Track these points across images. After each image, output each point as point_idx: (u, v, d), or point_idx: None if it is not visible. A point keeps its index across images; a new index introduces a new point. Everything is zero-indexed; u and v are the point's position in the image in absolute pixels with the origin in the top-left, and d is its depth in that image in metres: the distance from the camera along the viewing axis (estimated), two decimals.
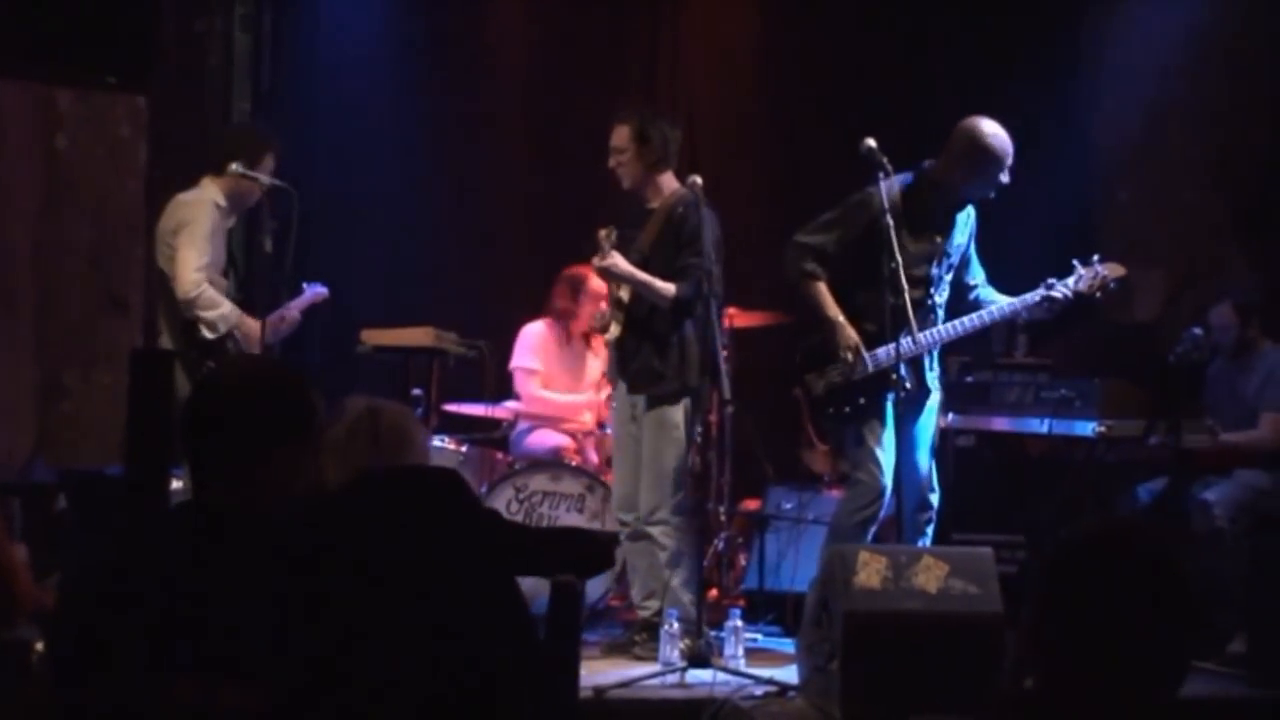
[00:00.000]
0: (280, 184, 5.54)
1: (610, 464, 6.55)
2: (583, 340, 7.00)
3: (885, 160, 5.26)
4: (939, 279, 5.48)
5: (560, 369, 6.98)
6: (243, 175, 5.50)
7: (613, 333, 5.75)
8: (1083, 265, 5.46)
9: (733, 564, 6.89)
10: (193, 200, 5.57)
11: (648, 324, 5.63)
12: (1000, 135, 5.37)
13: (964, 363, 6.74)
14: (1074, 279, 5.44)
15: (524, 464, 6.53)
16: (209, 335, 5.44)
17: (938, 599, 4.74)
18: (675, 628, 5.32)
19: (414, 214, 7.71)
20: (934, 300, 5.46)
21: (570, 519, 6.22)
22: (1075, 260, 5.47)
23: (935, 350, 5.49)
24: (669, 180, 5.70)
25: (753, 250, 6.58)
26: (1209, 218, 7.61)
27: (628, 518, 5.69)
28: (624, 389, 5.73)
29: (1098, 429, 5.89)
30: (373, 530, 2.92)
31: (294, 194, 5.49)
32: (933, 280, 5.45)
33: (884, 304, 5.24)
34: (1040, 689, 1.99)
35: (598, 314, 6.14)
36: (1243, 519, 5.93)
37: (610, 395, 6.17)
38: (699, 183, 5.48)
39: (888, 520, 5.47)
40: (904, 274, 5.17)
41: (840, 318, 5.41)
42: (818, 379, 5.49)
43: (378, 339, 6.37)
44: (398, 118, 7.69)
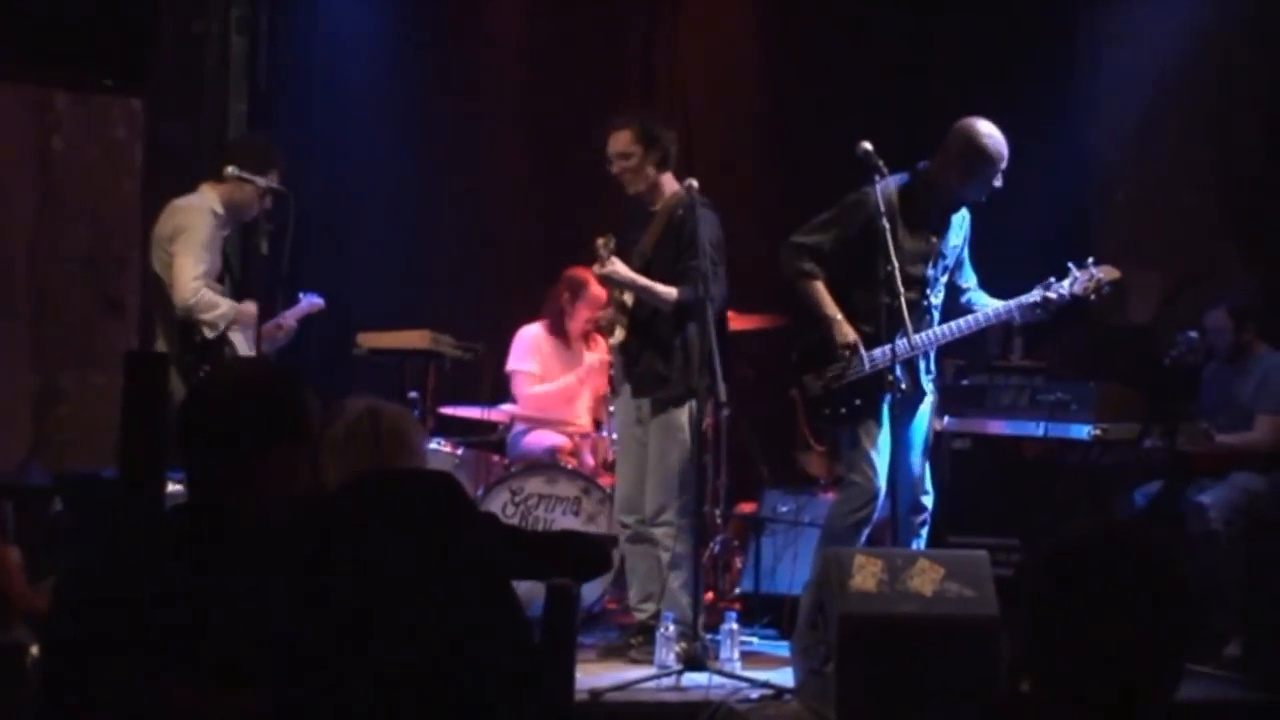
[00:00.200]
0: (276, 186, 5.53)
1: (605, 467, 6.54)
2: (581, 342, 6.99)
3: (881, 163, 5.25)
4: (934, 280, 5.47)
5: (557, 372, 6.96)
6: (240, 178, 5.48)
7: (617, 336, 5.75)
8: (1078, 268, 5.44)
9: (729, 567, 6.88)
10: (190, 206, 5.53)
11: (651, 328, 5.63)
12: (996, 136, 5.36)
13: (959, 365, 6.75)
14: (1070, 281, 5.42)
15: (520, 467, 6.52)
16: (209, 334, 5.43)
17: (933, 602, 4.74)
18: (671, 631, 5.32)
19: (410, 216, 7.71)
20: (930, 301, 5.45)
21: (566, 522, 6.22)
22: (1071, 263, 5.46)
23: (931, 352, 5.50)
24: (669, 181, 5.70)
25: (748, 253, 6.56)
26: (1205, 220, 7.62)
27: (629, 520, 5.69)
28: (628, 392, 5.73)
29: (1093, 432, 5.89)
30: (369, 533, 2.91)
31: (290, 196, 5.48)
32: (928, 281, 5.44)
33: (880, 305, 5.23)
34: (1036, 692, 1.99)
35: (603, 316, 6.13)
36: (1238, 522, 5.93)
37: (608, 397, 6.16)
38: (695, 185, 5.47)
39: (882, 522, 5.46)
40: (899, 274, 5.17)
41: (838, 315, 5.40)
42: (815, 379, 5.49)
43: (374, 341, 6.35)
44: (394, 120, 7.69)
